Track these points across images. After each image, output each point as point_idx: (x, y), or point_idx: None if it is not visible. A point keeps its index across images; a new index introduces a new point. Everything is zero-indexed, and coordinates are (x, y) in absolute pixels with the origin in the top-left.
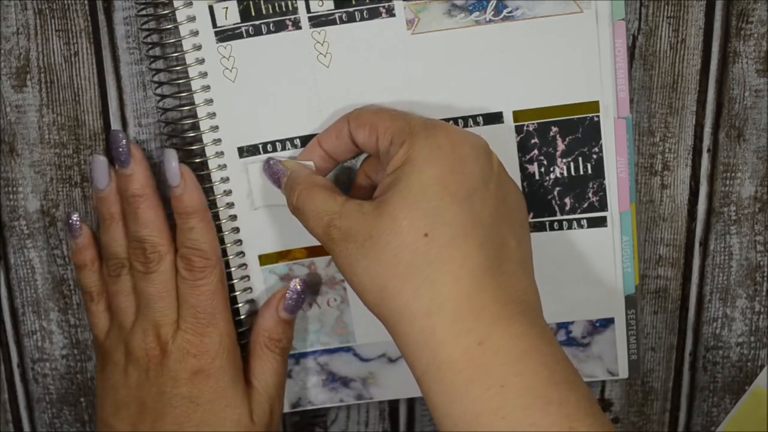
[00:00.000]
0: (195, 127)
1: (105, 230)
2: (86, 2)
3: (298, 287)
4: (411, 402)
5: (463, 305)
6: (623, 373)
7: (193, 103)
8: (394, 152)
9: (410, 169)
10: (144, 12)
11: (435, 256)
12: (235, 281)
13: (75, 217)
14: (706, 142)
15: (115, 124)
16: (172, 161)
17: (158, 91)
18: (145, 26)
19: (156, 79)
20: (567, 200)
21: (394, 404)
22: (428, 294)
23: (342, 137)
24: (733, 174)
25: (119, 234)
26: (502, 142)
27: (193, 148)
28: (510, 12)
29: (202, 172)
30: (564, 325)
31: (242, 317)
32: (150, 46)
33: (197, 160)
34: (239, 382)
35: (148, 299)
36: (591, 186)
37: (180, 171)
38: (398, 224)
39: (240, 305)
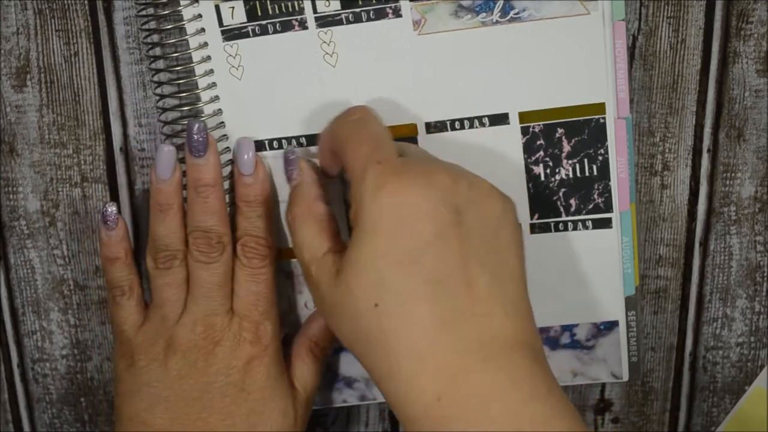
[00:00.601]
0: None
1: (160, 221)
2: (86, 2)
3: None
4: None
5: (418, 368)
6: (626, 376)
7: (194, 103)
8: (350, 200)
9: (359, 236)
10: (144, 12)
11: (387, 325)
12: None
13: (113, 208)
14: (706, 142)
15: (115, 124)
16: (248, 151)
17: (158, 91)
18: (146, 26)
19: (156, 79)
20: (572, 201)
21: None
22: (385, 361)
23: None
24: (733, 174)
25: (176, 225)
26: (508, 143)
27: None
28: (517, 13)
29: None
30: (568, 328)
31: None
32: (150, 46)
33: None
34: (285, 374)
35: (209, 289)
36: (596, 187)
37: (255, 161)
38: (353, 294)
39: None
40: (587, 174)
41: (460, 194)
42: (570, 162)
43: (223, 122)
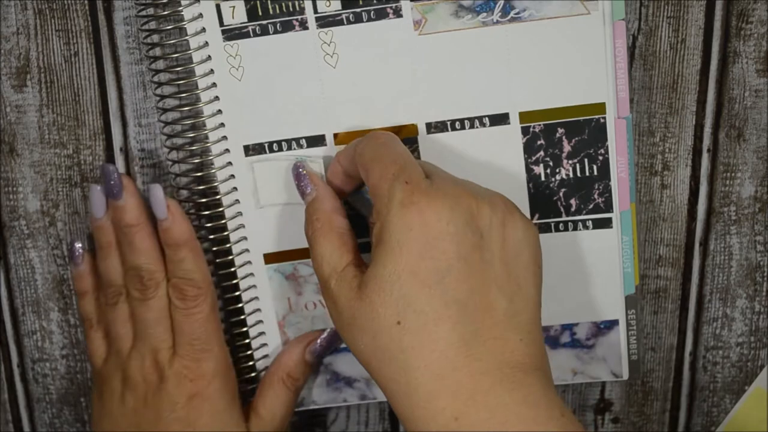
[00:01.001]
0: (195, 127)
1: (102, 258)
2: (86, 2)
3: (328, 336)
4: None
5: (436, 386)
6: (626, 374)
7: (194, 103)
8: (374, 219)
9: (384, 253)
10: (144, 12)
11: (407, 343)
12: (239, 279)
13: (78, 245)
14: (706, 142)
15: (115, 124)
16: (158, 194)
17: (158, 91)
18: (146, 26)
19: (156, 79)
20: (572, 201)
21: None
22: (404, 378)
23: (354, 163)
24: (733, 174)
25: (116, 262)
26: (508, 143)
27: (194, 148)
28: (517, 13)
29: (204, 172)
30: (568, 327)
31: (245, 316)
32: (150, 46)
33: (196, 161)
34: (235, 405)
35: (146, 325)
36: (597, 187)
37: (166, 204)
38: (375, 310)
39: (244, 304)
40: (587, 174)
41: (484, 218)
42: (570, 162)
43: (223, 123)
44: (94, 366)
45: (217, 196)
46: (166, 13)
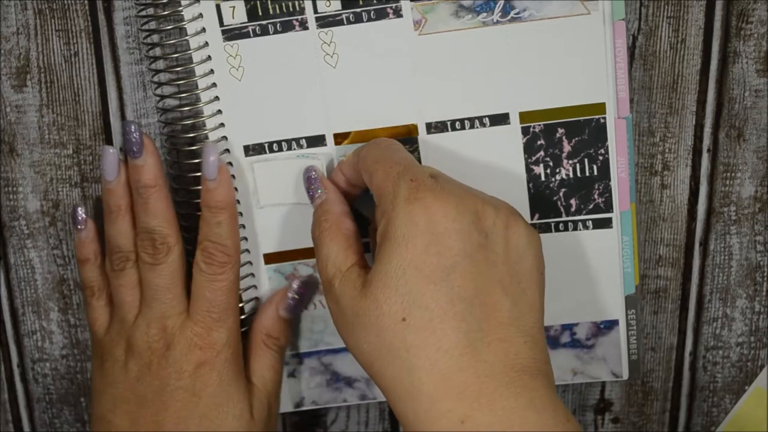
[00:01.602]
0: (195, 126)
1: (111, 222)
2: (86, 2)
3: (298, 287)
4: None
5: (441, 387)
6: (626, 374)
7: (194, 103)
8: (378, 219)
9: (389, 249)
10: (144, 12)
11: (411, 340)
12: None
13: (81, 210)
14: (706, 142)
15: (115, 124)
16: (211, 155)
17: (158, 91)
18: (146, 26)
19: (156, 79)
20: (572, 201)
21: None
22: (408, 378)
23: (357, 170)
24: (733, 174)
25: (126, 227)
26: (508, 143)
27: (194, 148)
28: (517, 13)
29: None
30: (568, 327)
31: (245, 315)
32: (150, 46)
33: (197, 161)
34: (241, 378)
35: (156, 291)
36: (597, 187)
37: (218, 165)
38: (380, 307)
39: (244, 303)
40: (587, 174)
41: (489, 219)
42: (570, 162)
43: (223, 123)
44: (95, 335)
45: None
46: (166, 13)
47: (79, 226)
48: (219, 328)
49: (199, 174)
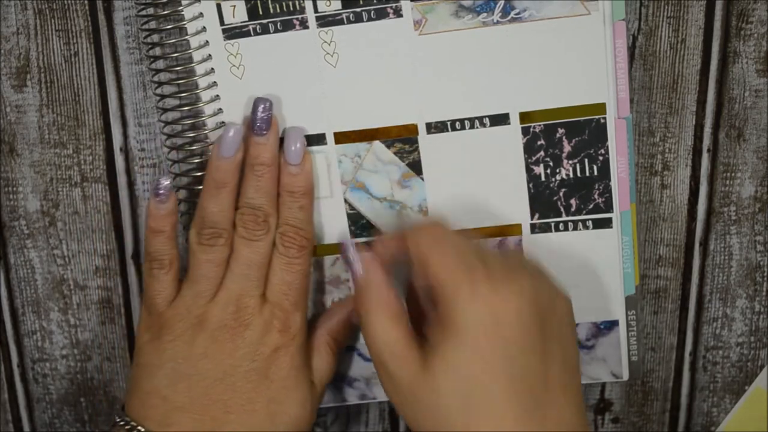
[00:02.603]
0: (195, 126)
1: (211, 197)
2: (86, 2)
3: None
4: None
5: None
6: (626, 375)
7: (194, 103)
8: (439, 307)
9: (453, 339)
10: (144, 12)
11: (475, 426)
12: None
13: (166, 181)
14: (706, 142)
15: (115, 124)
16: (297, 141)
17: (158, 91)
18: (146, 26)
19: (156, 79)
20: (572, 201)
21: None
22: None
23: (402, 249)
24: (733, 174)
25: (228, 203)
26: (509, 143)
27: (193, 148)
28: (518, 13)
29: (204, 172)
30: None
31: None
32: (150, 46)
33: (197, 161)
34: (308, 366)
35: (247, 266)
36: (597, 187)
37: (303, 152)
38: (441, 393)
39: None
40: (587, 174)
41: (543, 300)
42: (570, 162)
43: (223, 122)
44: (155, 307)
45: None
46: (166, 12)
47: (162, 197)
48: (296, 311)
49: (200, 174)
